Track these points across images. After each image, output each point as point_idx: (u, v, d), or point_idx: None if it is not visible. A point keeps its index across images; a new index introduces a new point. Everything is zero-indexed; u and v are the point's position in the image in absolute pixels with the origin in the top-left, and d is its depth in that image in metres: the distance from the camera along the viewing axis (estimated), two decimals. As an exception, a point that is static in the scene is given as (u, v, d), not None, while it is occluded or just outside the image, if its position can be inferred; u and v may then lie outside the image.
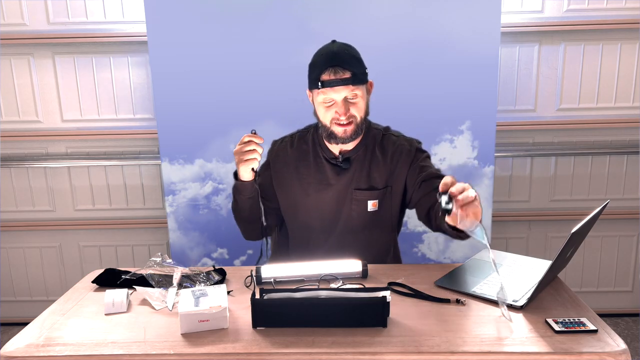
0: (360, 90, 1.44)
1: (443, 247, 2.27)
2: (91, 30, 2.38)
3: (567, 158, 2.50)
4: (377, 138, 1.57)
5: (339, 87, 1.40)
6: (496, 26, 2.06)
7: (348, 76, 1.40)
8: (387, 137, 1.57)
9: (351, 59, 1.42)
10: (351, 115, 1.44)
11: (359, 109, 1.45)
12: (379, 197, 1.54)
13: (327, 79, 1.40)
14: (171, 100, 2.15)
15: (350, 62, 1.41)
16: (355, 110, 1.45)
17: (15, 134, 2.51)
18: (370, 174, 1.54)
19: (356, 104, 1.44)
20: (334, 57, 1.42)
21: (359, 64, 1.44)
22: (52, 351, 1.05)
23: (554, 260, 1.16)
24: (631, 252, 2.60)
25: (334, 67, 1.40)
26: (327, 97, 1.43)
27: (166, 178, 2.23)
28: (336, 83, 1.40)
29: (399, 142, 1.55)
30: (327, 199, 1.56)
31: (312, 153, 1.57)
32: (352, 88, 1.41)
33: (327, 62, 1.41)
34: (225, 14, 2.08)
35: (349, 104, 1.43)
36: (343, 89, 1.41)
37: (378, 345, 1.04)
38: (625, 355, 0.99)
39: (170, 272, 1.33)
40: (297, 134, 1.63)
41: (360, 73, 1.42)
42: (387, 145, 1.55)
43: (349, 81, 1.40)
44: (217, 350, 1.04)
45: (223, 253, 2.27)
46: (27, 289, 2.70)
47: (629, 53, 2.38)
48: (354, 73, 1.40)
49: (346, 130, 1.46)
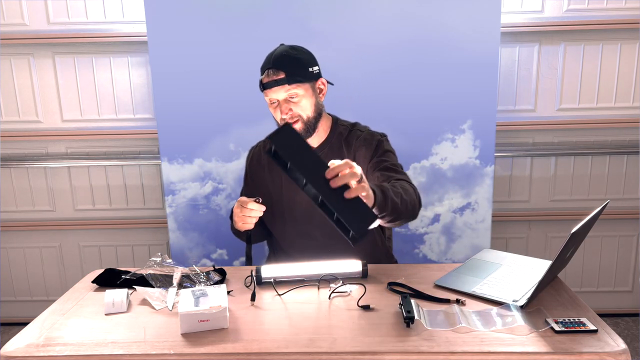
0: (301, 89, 1.47)
1: (444, 248, 2.27)
2: (91, 30, 2.38)
3: (567, 158, 2.50)
4: (343, 134, 1.58)
5: (276, 87, 1.46)
6: (496, 26, 2.06)
7: (282, 77, 1.45)
8: (353, 132, 1.59)
9: (288, 60, 1.47)
10: (295, 114, 1.48)
11: (301, 107, 1.49)
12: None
13: (265, 81, 1.48)
14: (171, 100, 2.15)
15: (285, 63, 1.46)
16: (298, 109, 1.48)
17: (15, 134, 2.51)
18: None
19: (297, 103, 1.48)
20: (270, 59, 1.48)
21: (295, 65, 1.47)
22: (52, 351, 1.05)
23: (554, 260, 1.16)
24: (631, 252, 2.60)
25: (269, 70, 1.47)
26: (270, 98, 1.50)
27: (166, 178, 2.23)
28: (271, 84, 1.46)
29: (362, 136, 1.57)
30: (298, 199, 1.56)
31: None
32: (288, 88, 1.46)
33: (266, 65, 1.49)
34: (225, 13, 2.08)
35: (290, 103, 1.48)
36: (280, 89, 1.46)
37: (378, 345, 1.04)
38: (625, 355, 0.99)
39: (170, 272, 1.33)
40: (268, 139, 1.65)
41: (296, 73, 1.46)
42: (352, 139, 1.57)
43: (283, 81, 1.45)
44: (217, 350, 1.04)
45: (222, 254, 2.27)
46: (27, 289, 2.70)
47: (629, 53, 2.38)
48: (288, 73, 1.45)
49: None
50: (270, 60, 1.48)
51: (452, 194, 2.21)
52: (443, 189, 2.21)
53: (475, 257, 1.52)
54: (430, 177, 2.18)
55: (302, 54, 1.51)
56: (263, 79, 1.49)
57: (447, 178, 2.20)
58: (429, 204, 2.22)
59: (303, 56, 1.51)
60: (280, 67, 1.45)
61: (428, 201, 2.22)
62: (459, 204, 2.22)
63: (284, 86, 1.45)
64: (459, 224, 2.24)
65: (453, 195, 2.21)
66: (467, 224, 2.24)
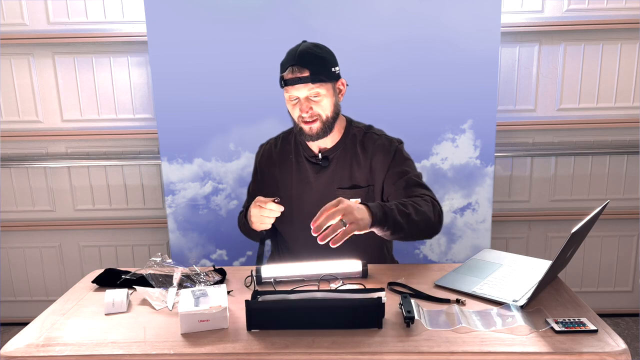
0: (323, 89, 1.46)
1: (445, 249, 2.27)
2: (91, 30, 2.38)
3: (567, 158, 2.50)
4: (358, 136, 1.58)
5: (299, 85, 1.45)
6: (496, 26, 2.06)
7: (306, 75, 1.43)
8: (369, 135, 1.58)
9: (313, 58, 1.45)
10: (315, 113, 1.48)
11: (322, 107, 1.48)
12: (361, 195, 1.54)
13: (288, 78, 1.46)
14: (171, 100, 2.15)
15: (311, 62, 1.44)
16: (318, 108, 1.48)
17: (15, 134, 2.51)
18: (352, 172, 1.55)
19: (318, 102, 1.47)
20: (295, 56, 1.46)
21: (320, 63, 1.46)
22: (52, 351, 1.05)
23: (554, 260, 1.16)
24: (631, 252, 2.60)
25: (293, 66, 1.44)
26: (291, 95, 1.48)
27: (166, 178, 2.23)
28: (295, 81, 1.44)
29: (379, 141, 1.56)
30: (307, 199, 1.56)
31: (294, 152, 1.61)
32: (311, 87, 1.44)
33: (289, 61, 1.47)
34: (225, 13, 2.08)
35: (311, 102, 1.47)
36: (303, 87, 1.45)
37: (378, 345, 1.04)
38: (625, 355, 0.99)
39: (170, 272, 1.33)
40: (281, 135, 1.68)
41: (320, 72, 1.45)
42: (368, 144, 1.56)
43: (307, 79, 1.44)
44: (217, 350, 1.04)
45: (222, 254, 2.27)
46: (27, 289, 2.70)
47: (629, 53, 2.38)
48: (312, 71, 1.43)
49: (311, 127, 1.49)
50: (295, 57, 1.45)
51: (453, 194, 2.21)
52: (443, 189, 2.21)
53: (475, 257, 1.52)
54: (430, 177, 2.18)
55: (326, 53, 1.50)
56: (286, 75, 1.46)
57: (448, 178, 2.20)
58: (429, 204, 2.22)
59: (327, 55, 1.50)
60: (305, 64, 1.43)
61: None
62: (460, 204, 2.22)
63: (307, 84, 1.44)
64: (459, 225, 2.24)
65: (454, 196, 2.21)
66: (467, 224, 2.24)
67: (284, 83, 1.47)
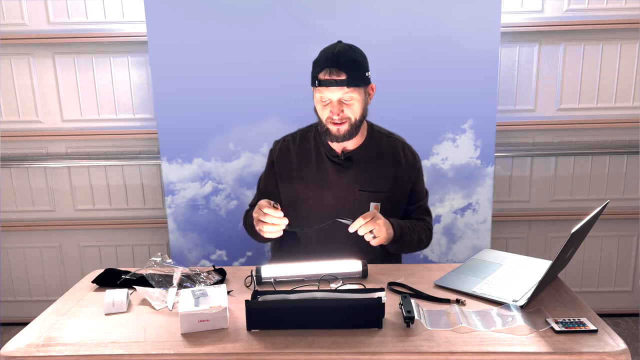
0: (357, 93, 1.46)
1: (445, 249, 2.27)
2: (91, 30, 2.38)
3: (567, 158, 2.50)
4: (381, 140, 1.59)
5: (334, 87, 1.43)
6: (496, 26, 2.06)
7: (343, 78, 1.42)
8: (393, 140, 1.61)
9: (350, 61, 1.44)
10: (345, 116, 1.47)
11: (353, 110, 1.48)
12: (382, 200, 1.55)
13: (323, 79, 1.44)
14: (171, 100, 2.15)
15: (348, 65, 1.43)
16: (349, 111, 1.47)
17: (15, 134, 2.51)
18: (375, 176, 1.55)
19: (350, 105, 1.47)
20: (333, 58, 1.44)
21: (357, 67, 1.45)
22: (52, 351, 1.05)
23: (554, 260, 1.16)
24: (631, 252, 2.60)
25: (330, 68, 1.43)
26: (323, 95, 1.46)
27: (165, 178, 2.23)
28: (331, 83, 1.43)
29: (405, 152, 1.61)
30: (328, 198, 1.56)
31: (315, 151, 1.59)
32: (347, 90, 1.44)
33: (326, 62, 1.44)
34: (225, 13, 2.08)
35: (343, 105, 1.46)
36: (338, 90, 1.44)
37: (378, 345, 1.04)
38: (625, 355, 0.99)
39: (170, 272, 1.33)
40: (299, 133, 1.65)
41: (357, 76, 1.44)
42: (393, 150, 1.59)
43: (343, 83, 1.43)
44: (217, 350, 1.04)
45: (222, 255, 2.27)
46: (27, 289, 2.70)
47: (629, 53, 2.38)
48: (349, 75, 1.42)
49: (339, 129, 1.49)
50: (333, 58, 1.44)
51: (453, 195, 2.21)
52: (444, 190, 2.21)
53: (475, 257, 1.52)
54: (431, 178, 2.18)
55: (361, 57, 1.50)
56: (322, 75, 1.44)
57: (448, 178, 2.20)
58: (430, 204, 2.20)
59: (362, 59, 1.49)
60: (342, 67, 1.42)
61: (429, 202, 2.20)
62: (460, 205, 2.22)
63: (342, 88, 1.43)
64: (460, 225, 2.24)
65: (454, 196, 2.21)
66: (468, 224, 2.24)
67: (318, 83, 1.45)
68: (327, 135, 1.51)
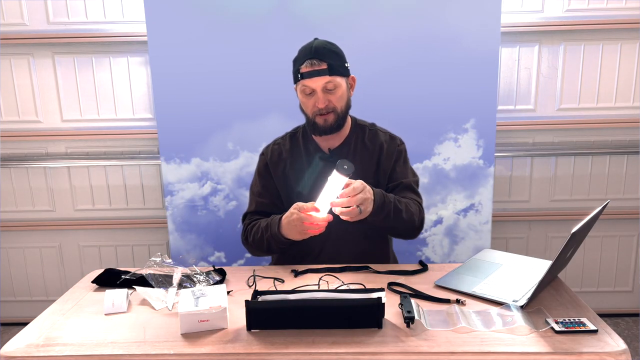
0: (340, 81, 1.50)
1: (447, 250, 2.26)
2: (91, 30, 2.38)
3: (567, 158, 2.50)
4: (364, 133, 1.61)
5: (317, 77, 1.47)
6: (496, 26, 2.06)
7: (325, 67, 1.46)
8: (373, 132, 1.62)
9: (329, 52, 1.49)
10: (331, 105, 1.50)
11: (338, 99, 1.50)
12: None
13: (305, 71, 1.48)
14: (171, 100, 2.15)
15: (328, 55, 1.48)
16: (334, 99, 1.50)
17: (15, 134, 2.51)
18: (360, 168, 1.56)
19: (335, 94, 1.50)
20: (312, 50, 1.49)
21: (336, 57, 1.50)
22: (52, 351, 1.05)
23: (554, 261, 1.16)
24: (631, 252, 2.60)
25: (311, 59, 1.47)
26: (306, 87, 1.50)
27: (165, 178, 2.23)
28: (313, 74, 1.47)
29: (385, 139, 1.61)
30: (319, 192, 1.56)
31: (304, 149, 1.62)
32: (329, 79, 1.47)
33: (306, 55, 1.49)
34: (225, 13, 2.08)
35: (328, 94, 1.49)
36: (320, 79, 1.47)
37: (378, 345, 1.03)
38: (625, 355, 0.99)
39: (170, 272, 1.33)
40: (288, 134, 1.69)
41: (337, 65, 1.48)
42: (375, 140, 1.60)
43: (325, 72, 1.46)
44: (217, 350, 1.04)
45: (220, 257, 2.27)
46: (27, 289, 2.70)
47: (629, 53, 2.38)
48: (330, 64, 1.47)
49: (326, 119, 1.51)
50: (312, 51, 1.48)
51: (455, 195, 2.21)
52: (446, 190, 2.20)
53: (475, 257, 1.52)
54: (432, 178, 2.18)
55: (339, 50, 1.54)
56: (303, 68, 1.48)
57: (450, 179, 2.20)
58: (432, 205, 2.22)
59: (340, 51, 1.54)
60: (323, 57, 1.47)
61: (431, 202, 2.21)
62: (463, 206, 2.22)
63: (325, 77, 1.47)
64: (462, 226, 2.23)
65: (456, 197, 2.21)
66: (470, 225, 2.23)
67: (301, 76, 1.48)
68: (315, 129, 1.54)
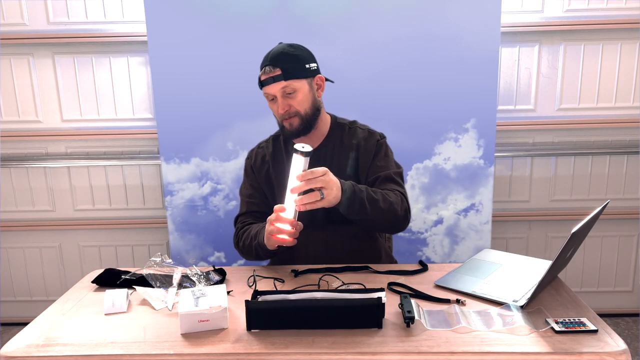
0: (298, 85, 1.49)
1: (448, 250, 2.26)
2: (91, 30, 2.38)
3: (567, 158, 2.50)
4: (343, 132, 1.60)
5: (272, 84, 1.49)
6: (496, 26, 2.06)
7: (278, 73, 1.48)
8: (353, 130, 1.61)
9: (285, 57, 1.49)
10: (293, 110, 1.51)
11: (299, 102, 1.50)
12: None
13: (263, 78, 1.51)
14: (171, 100, 2.15)
15: (281, 59, 1.49)
16: (295, 103, 1.50)
17: (15, 134, 2.51)
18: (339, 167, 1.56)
19: (294, 98, 1.50)
20: (268, 58, 1.51)
21: (291, 60, 1.50)
22: (52, 351, 1.05)
23: (554, 261, 1.16)
24: (631, 252, 2.60)
25: (266, 67, 1.50)
26: (267, 94, 1.52)
27: (165, 178, 2.23)
28: (268, 81, 1.49)
29: (362, 136, 1.59)
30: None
31: (285, 151, 1.63)
32: (284, 84, 1.48)
33: (263, 63, 1.52)
34: (225, 13, 2.08)
35: (287, 99, 1.50)
36: (276, 85, 1.49)
37: (378, 345, 1.03)
38: (625, 355, 0.99)
39: (170, 272, 1.33)
40: (271, 137, 1.70)
41: (292, 69, 1.49)
42: (354, 137, 1.59)
43: (280, 77, 1.48)
44: (217, 350, 1.04)
45: (220, 257, 2.27)
46: (27, 289, 2.70)
47: (629, 53, 2.38)
48: (283, 69, 1.47)
49: (291, 123, 1.52)
50: (268, 58, 1.51)
51: (456, 195, 2.21)
52: (446, 190, 2.20)
53: (475, 257, 1.52)
54: (433, 178, 2.18)
55: (299, 51, 1.53)
56: (261, 76, 1.51)
57: (450, 178, 2.20)
58: (432, 205, 2.22)
59: (300, 53, 1.53)
60: (276, 64, 1.48)
61: (431, 202, 2.21)
62: (463, 205, 2.22)
63: (280, 82, 1.48)
64: (462, 226, 2.23)
65: (457, 197, 2.21)
66: (470, 225, 2.23)
67: (260, 85, 1.52)
68: (284, 132, 1.55)
